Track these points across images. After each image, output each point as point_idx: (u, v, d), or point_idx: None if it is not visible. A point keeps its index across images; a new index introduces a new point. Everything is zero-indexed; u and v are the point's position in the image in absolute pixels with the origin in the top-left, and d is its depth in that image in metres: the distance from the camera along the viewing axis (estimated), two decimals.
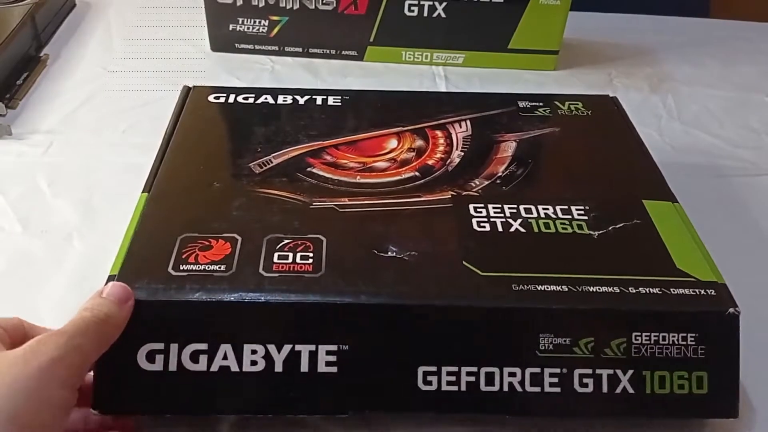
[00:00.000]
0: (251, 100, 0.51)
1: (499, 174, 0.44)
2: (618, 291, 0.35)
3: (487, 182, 0.43)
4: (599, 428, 0.36)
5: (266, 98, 0.51)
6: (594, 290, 0.35)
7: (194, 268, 0.35)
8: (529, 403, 0.34)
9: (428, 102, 0.54)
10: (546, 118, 0.50)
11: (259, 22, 0.69)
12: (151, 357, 0.33)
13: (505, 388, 0.33)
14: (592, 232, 0.39)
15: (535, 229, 0.39)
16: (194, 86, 0.52)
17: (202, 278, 0.35)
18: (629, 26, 0.80)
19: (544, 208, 0.40)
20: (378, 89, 0.59)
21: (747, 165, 0.58)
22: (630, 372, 0.34)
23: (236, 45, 0.71)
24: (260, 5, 0.68)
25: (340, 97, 0.52)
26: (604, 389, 0.33)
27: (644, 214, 0.40)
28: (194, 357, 0.33)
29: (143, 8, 0.78)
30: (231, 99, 0.51)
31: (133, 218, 0.39)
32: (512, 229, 0.39)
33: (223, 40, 0.71)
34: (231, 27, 0.69)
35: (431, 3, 0.67)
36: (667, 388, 0.34)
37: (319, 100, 0.51)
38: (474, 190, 0.42)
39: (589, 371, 0.34)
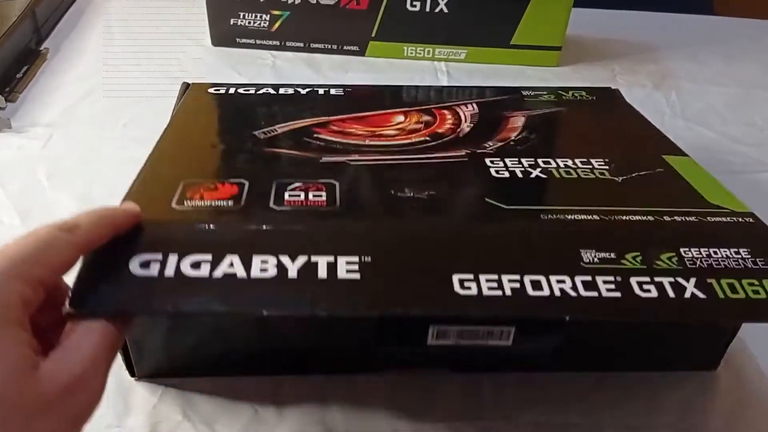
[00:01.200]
0: (252, 92, 0.51)
1: (512, 138, 0.43)
2: (653, 219, 0.33)
3: (501, 143, 0.42)
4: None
5: (267, 90, 0.51)
6: (627, 219, 0.33)
7: (200, 204, 0.33)
8: (588, 306, 0.28)
9: (432, 92, 0.53)
10: (551, 102, 0.50)
11: (261, 17, 0.69)
12: (145, 264, 0.28)
13: (557, 293, 0.28)
14: (615, 178, 0.37)
15: (556, 176, 0.38)
16: (193, 83, 0.51)
17: (208, 211, 0.32)
18: (632, 23, 0.80)
19: (563, 161, 0.39)
20: (380, 83, 0.59)
21: (750, 161, 0.58)
22: (693, 279, 0.29)
23: (237, 40, 0.70)
24: (261, 0, 0.67)
25: (342, 89, 0.51)
26: (671, 294, 0.29)
27: (666, 164, 0.39)
28: (195, 265, 0.28)
29: (144, 3, 0.78)
30: (231, 91, 0.50)
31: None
32: (533, 176, 0.38)
33: (223, 35, 0.70)
34: (232, 21, 0.69)
35: None
36: (740, 293, 0.29)
37: (321, 91, 0.51)
38: (489, 149, 0.41)
39: (647, 279, 0.29)
